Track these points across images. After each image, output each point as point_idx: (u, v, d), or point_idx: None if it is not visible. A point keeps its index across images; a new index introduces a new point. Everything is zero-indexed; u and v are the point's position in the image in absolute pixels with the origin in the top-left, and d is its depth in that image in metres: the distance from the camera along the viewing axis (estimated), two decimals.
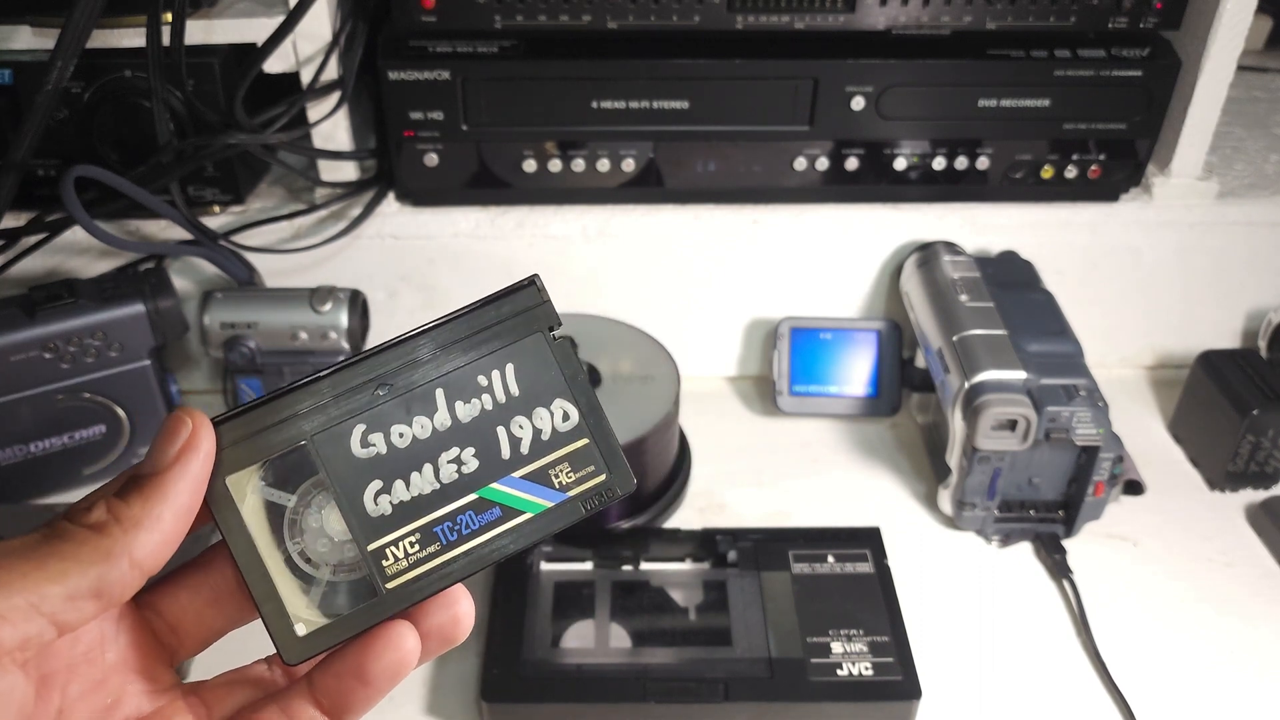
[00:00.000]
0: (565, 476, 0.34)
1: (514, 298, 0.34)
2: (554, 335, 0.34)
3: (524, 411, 0.34)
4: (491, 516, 0.33)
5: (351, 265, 0.81)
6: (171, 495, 0.30)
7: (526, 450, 0.34)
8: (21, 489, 0.74)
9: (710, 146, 0.78)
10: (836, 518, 0.73)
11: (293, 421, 0.33)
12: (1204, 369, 0.78)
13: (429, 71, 0.73)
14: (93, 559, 0.29)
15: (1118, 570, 0.70)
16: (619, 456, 0.34)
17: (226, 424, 0.32)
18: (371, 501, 0.33)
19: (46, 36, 0.70)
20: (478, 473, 0.33)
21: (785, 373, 0.83)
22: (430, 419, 0.33)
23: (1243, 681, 0.64)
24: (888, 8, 0.72)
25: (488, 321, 0.34)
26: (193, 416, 0.31)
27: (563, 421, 0.34)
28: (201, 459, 0.31)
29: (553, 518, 0.34)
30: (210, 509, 0.32)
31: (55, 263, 0.79)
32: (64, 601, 0.28)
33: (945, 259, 0.78)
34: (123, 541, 0.29)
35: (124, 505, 0.30)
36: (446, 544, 0.33)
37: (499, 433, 0.34)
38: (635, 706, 0.59)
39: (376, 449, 0.33)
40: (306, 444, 0.33)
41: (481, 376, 0.34)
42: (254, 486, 0.33)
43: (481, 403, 0.34)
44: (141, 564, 0.30)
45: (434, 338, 0.34)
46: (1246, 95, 0.97)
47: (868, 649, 0.61)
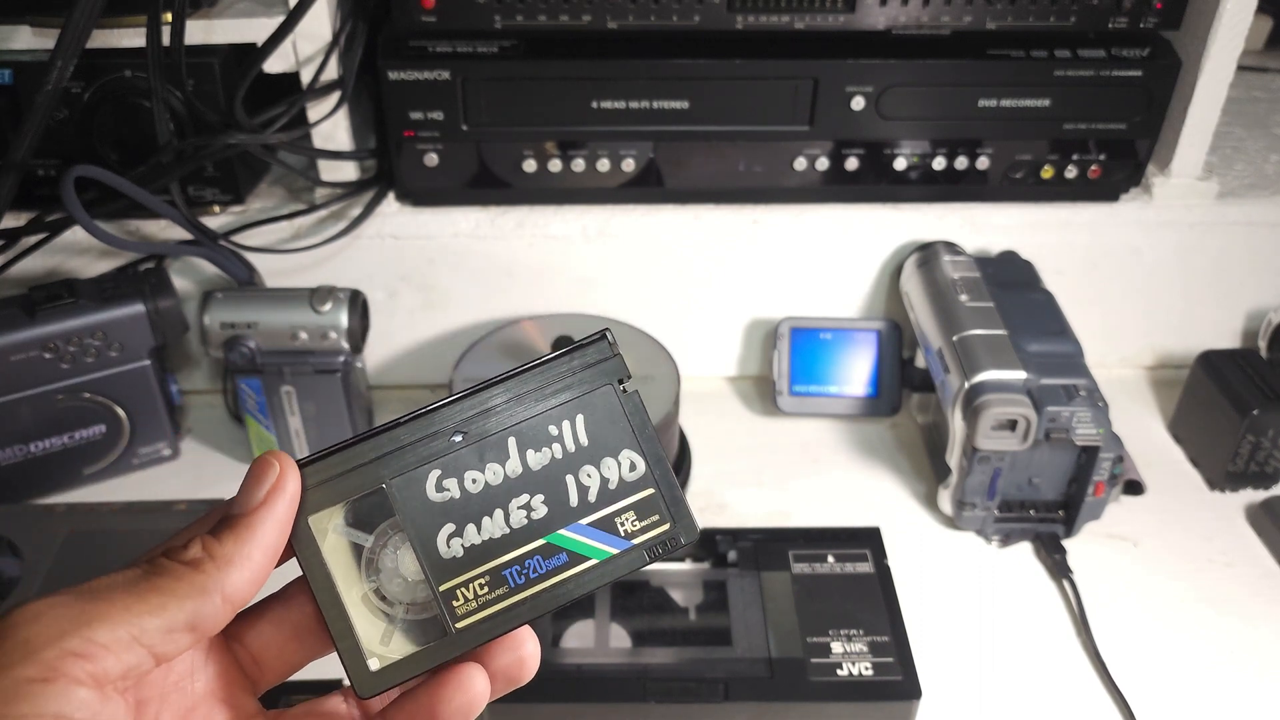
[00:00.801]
0: (631, 525, 0.35)
1: (586, 350, 0.36)
2: (624, 388, 0.36)
3: (593, 461, 0.35)
4: (559, 562, 0.35)
5: (351, 265, 0.81)
6: (260, 534, 0.32)
7: (594, 499, 0.35)
8: (21, 489, 0.74)
9: (710, 146, 0.78)
10: (836, 518, 0.73)
11: (372, 465, 0.34)
12: (1204, 369, 0.78)
13: (429, 71, 0.73)
14: (189, 594, 0.31)
15: (1118, 570, 0.70)
16: (684, 506, 0.36)
17: (310, 466, 0.34)
18: (444, 544, 0.34)
19: (46, 36, 0.70)
20: (546, 519, 0.35)
21: (785, 373, 0.83)
22: (503, 466, 0.35)
23: (1243, 681, 0.64)
24: (888, 8, 0.72)
25: (561, 373, 0.35)
26: (280, 460, 0.33)
27: (629, 471, 0.35)
28: (288, 500, 0.33)
29: (618, 564, 0.35)
30: (293, 546, 0.34)
31: (55, 263, 0.79)
32: (162, 634, 0.30)
33: (945, 259, 0.78)
34: (216, 578, 0.31)
35: (217, 544, 0.32)
36: (514, 587, 0.34)
37: (568, 481, 0.35)
38: (635, 706, 0.59)
39: (450, 494, 0.34)
40: (384, 487, 0.34)
41: (553, 426, 0.35)
42: (334, 526, 0.34)
43: (552, 451, 0.35)
44: (232, 599, 0.32)
45: (509, 388, 0.35)
46: (1246, 95, 0.97)
47: (868, 649, 0.61)
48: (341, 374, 0.74)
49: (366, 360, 0.84)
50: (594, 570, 0.35)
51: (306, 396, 0.75)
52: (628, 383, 0.36)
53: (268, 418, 0.76)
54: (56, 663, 0.28)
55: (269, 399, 0.75)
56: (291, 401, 0.75)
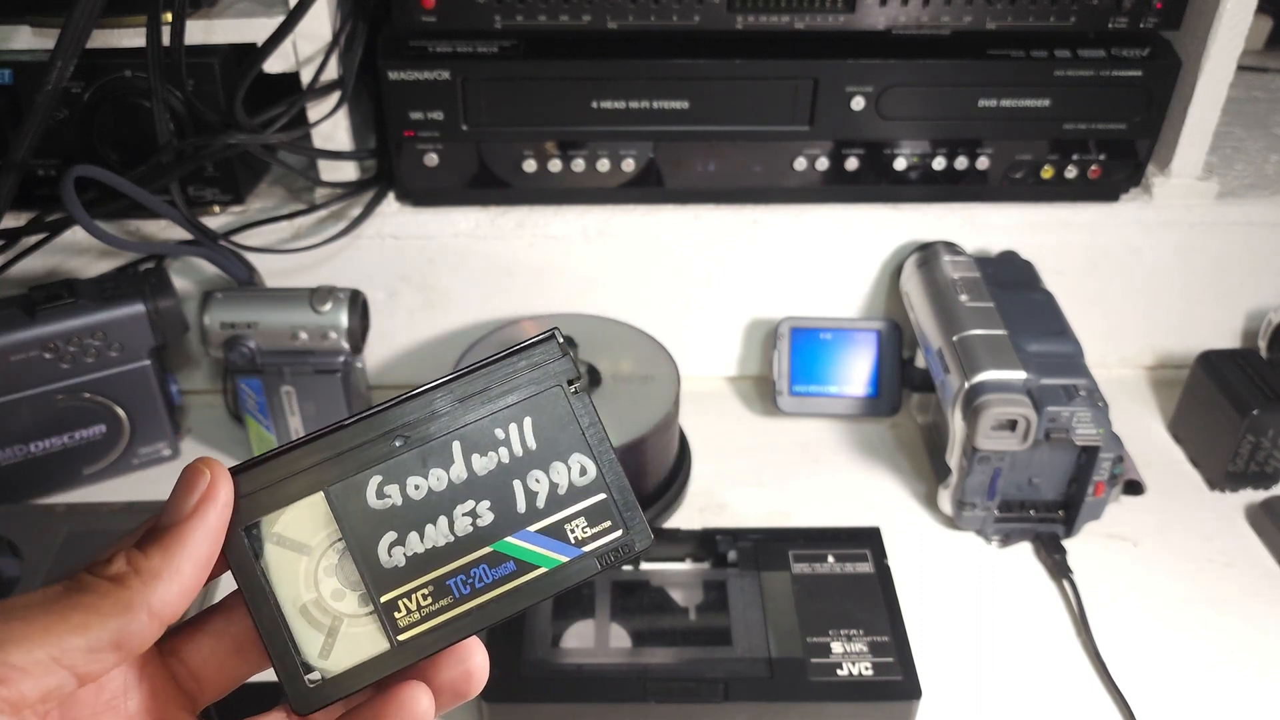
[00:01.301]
0: (581, 531, 0.34)
1: (533, 351, 0.34)
2: (573, 389, 0.34)
3: (541, 465, 0.34)
4: (505, 571, 0.33)
5: (351, 265, 0.81)
6: (190, 546, 0.31)
7: (543, 504, 0.34)
8: (21, 489, 0.74)
9: (710, 146, 0.78)
10: (836, 518, 0.73)
11: (310, 472, 0.33)
12: (1204, 369, 0.78)
13: (429, 71, 0.73)
14: (112, 611, 0.29)
15: (1118, 570, 0.70)
16: (636, 512, 0.34)
17: (245, 474, 0.33)
18: (385, 553, 0.33)
19: (46, 36, 0.70)
20: (492, 526, 0.33)
21: (785, 373, 0.83)
22: (446, 471, 0.33)
23: (1243, 681, 0.64)
24: (888, 8, 0.72)
25: (507, 374, 0.34)
26: (210, 467, 0.32)
27: (580, 476, 0.34)
28: (219, 509, 0.32)
29: (568, 573, 0.33)
30: (226, 557, 0.32)
31: (55, 263, 0.79)
32: (84, 654, 0.29)
33: (945, 259, 0.78)
34: (142, 593, 0.30)
35: (143, 557, 0.30)
36: (459, 597, 0.33)
37: (515, 486, 0.34)
38: (635, 706, 0.59)
39: (392, 500, 0.33)
40: (323, 494, 0.33)
41: (499, 430, 0.34)
42: (271, 535, 0.33)
43: (498, 456, 0.34)
44: (160, 614, 0.30)
45: (452, 390, 0.34)
46: (1246, 95, 0.97)
47: (868, 649, 0.61)
48: (341, 374, 0.74)
49: (366, 360, 0.84)
50: (543, 579, 0.33)
51: (306, 396, 0.75)
52: (577, 384, 0.34)
53: (268, 418, 0.76)
54: None
55: (269, 399, 0.75)
56: (291, 401, 0.75)
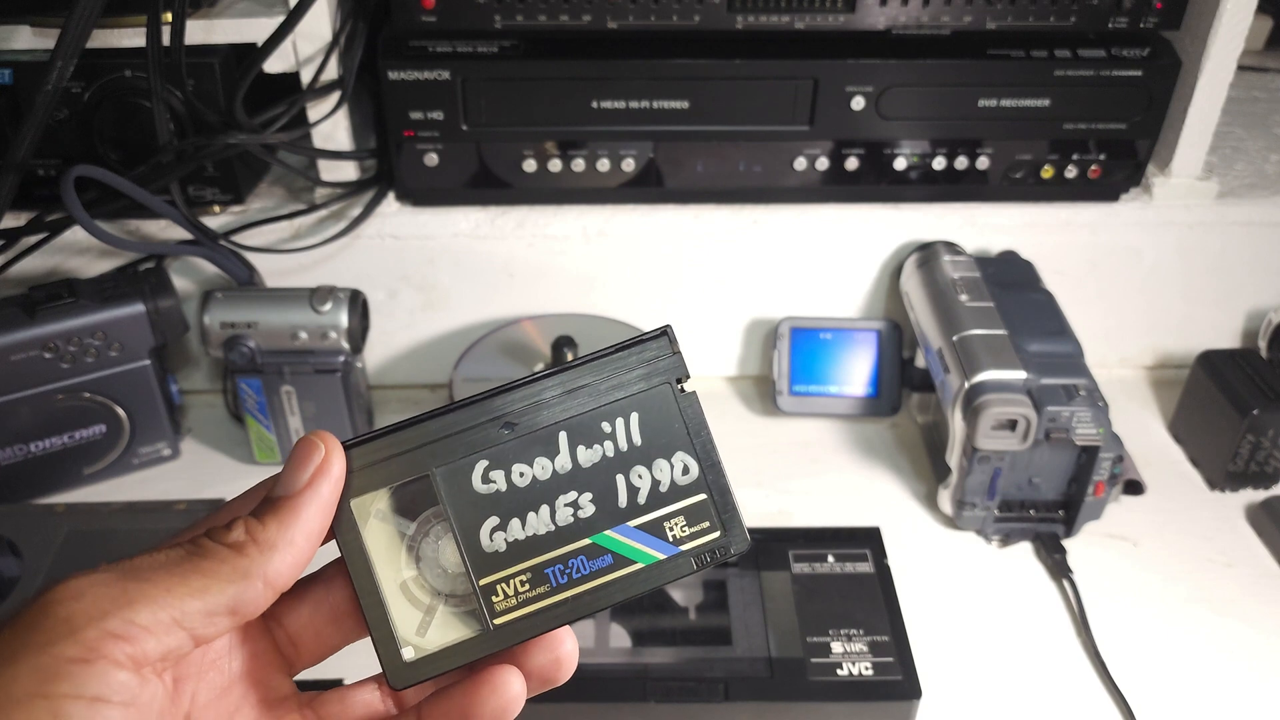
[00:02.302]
0: (680, 530, 0.34)
1: (645, 347, 0.35)
2: (681, 388, 0.35)
3: (644, 461, 0.34)
4: (603, 563, 0.34)
5: (351, 265, 0.81)
6: (304, 518, 0.32)
7: (644, 500, 0.34)
8: (21, 489, 0.74)
9: (710, 146, 0.78)
10: (836, 518, 0.73)
11: (419, 451, 0.34)
12: (1204, 369, 0.78)
13: (429, 71, 0.73)
14: (231, 577, 0.30)
15: (1118, 570, 0.70)
16: (736, 515, 0.34)
17: (356, 449, 0.33)
18: (487, 537, 0.34)
19: (46, 36, 0.70)
20: (593, 518, 0.34)
21: (785, 373, 0.83)
22: (551, 461, 0.34)
23: (1243, 681, 0.64)
24: (888, 8, 0.72)
25: (617, 369, 0.34)
26: (325, 441, 0.33)
27: (682, 475, 0.34)
28: (332, 483, 0.32)
29: (663, 570, 0.34)
30: (334, 530, 0.33)
31: (55, 263, 0.79)
32: (203, 617, 0.30)
33: (945, 259, 0.78)
34: (259, 562, 0.31)
35: (260, 527, 0.31)
36: (556, 586, 0.34)
37: (618, 480, 0.34)
38: (635, 706, 0.59)
39: (497, 486, 0.34)
40: (430, 475, 0.34)
41: (605, 423, 0.34)
42: (376, 511, 0.34)
43: (603, 449, 0.34)
44: (274, 583, 0.31)
45: (562, 380, 0.34)
46: (1246, 95, 0.97)
47: (868, 649, 0.61)
48: (341, 374, 0.74)
49: (366, 360, 0.84)
50: (639, 575, 0.34)
51: (306, 396, 0.75)
52: (686, 383, 0.35)
53: (268, 418, 0.76)
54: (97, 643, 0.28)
55: (269, 399, 0.75)
56: (291, 401, 0.75)
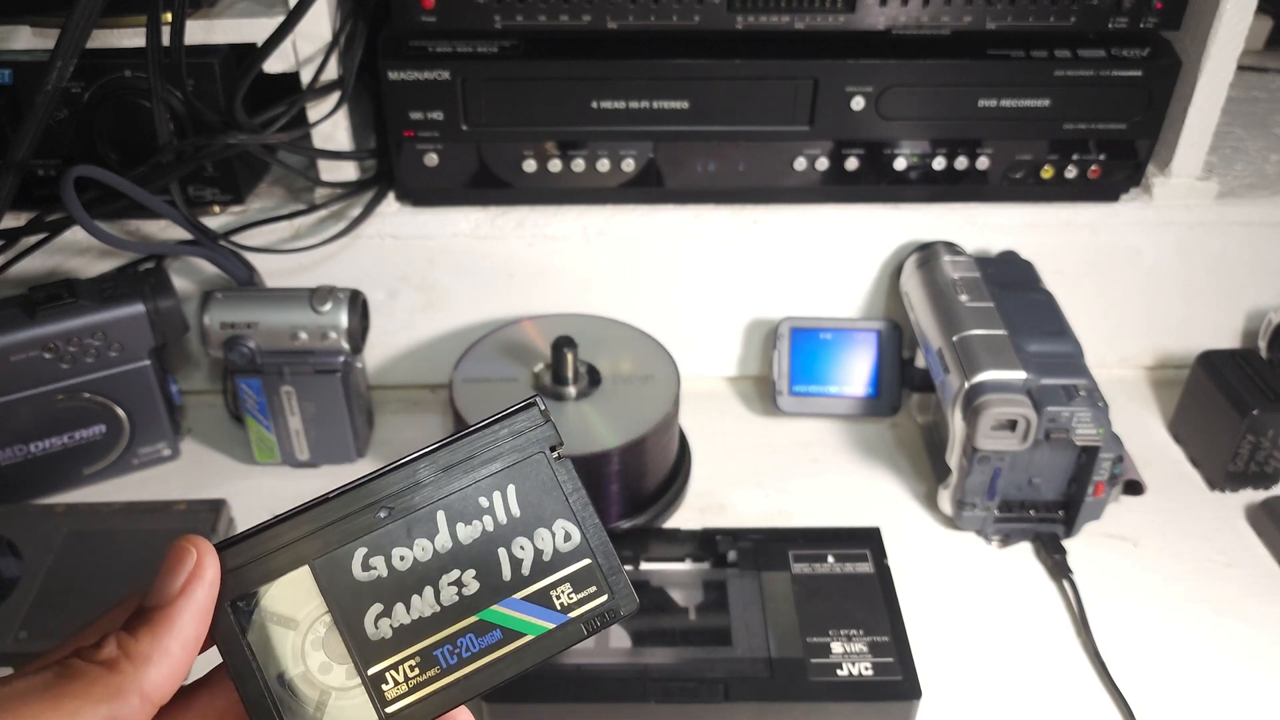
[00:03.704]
0: (567, 597, 0.34)
1: (515, 418, 0.35)
2: (556, 455, 0.34)
3: (525, 532, 0.34)
4: (492, 639, 0.33)
5: (351, 265, 0.81)
6: (179, 627, 0.31)
7: (528, 571, 0.34)
8: (21, 489, 0.74)
9: (710, 146, 0.78)
10: (836, 518, 0.73)
11: (295, 546, 0.33)
12: (1204, 369, 0.78)
13: (429, 71, 0.73)
14: (104, 696, 0.29)
15: (1118, 570, 0.70)
16: (621, 576, 0.34)
17: (230, 549, 0.33)
18: (372, 625, 0.33)
19: (46, 36, 0.70)
20: (478, 595, 0.33)
21: (785, 373, 0.83)
22: (431, 541, 0.34)
23: (1243, 681, 0.64)
24: (888, 8, 0.72)
25: (489, 443, 0.34)
26: (196, 545, 0.32)
27: (564, 542, 0.34)
28: (206, 588, 0.32)
29: (554, 640, 0.34)
30: (212, 633, 0.32)
31: (55, 263, 0.79)
32: None
33: (945, 259, 0.78)
34: (134, 677, 0.30)
35: (133, 640, 0.31)
36: (447, 667, 0.33)
37: (500, 554, 0.34)
38: (635, 706, 0.59)
39: (378, 572, 0.33)
40: (308, 568, 0.33)
41: (483, 498, 0.34)
42: (256, 610, 0.33)
43: (483, 524, 0.34)
44: (151, 696, 0.30)
45: (435, 460, 0.34)
46: (1246, 95, 0.97)
47: (867, 649, 0.61)
48: (341, 374, 0.74)
49: (366, 360, 0.84)
50: (530, 646, 0.33)
51: (306, 396, 0.75)
52: (560, 449, 0.35)
53: (268, 418, 0.76)
54: None
55: (269, 399, 0.75)
56: (291, 401, 0.75)
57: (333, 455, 0.78)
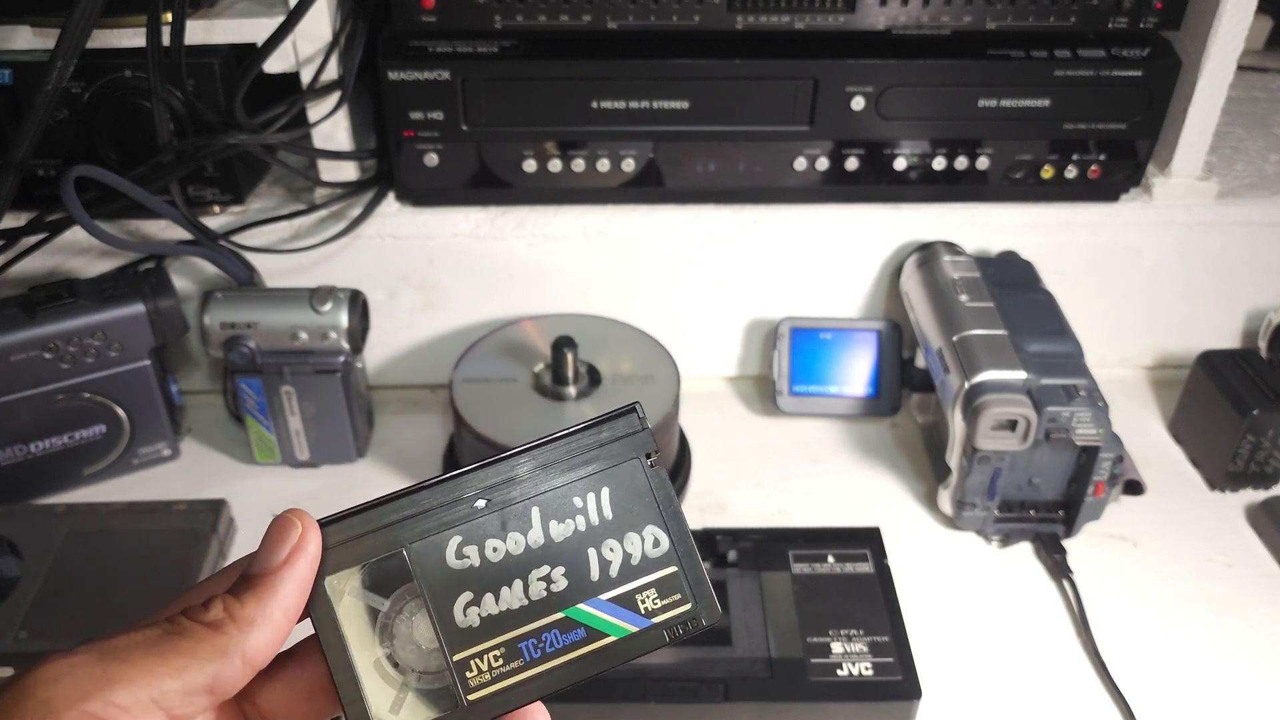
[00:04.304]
0: (651, 602, 0.34)
1: (615, 423, 0.35)
2: (651, 463, 0.35)
3: (616, 535, 0.35)
4: (576, 637, 0.34)
5: (351, 265, 0.81)
6: (281, 595, 0.32)
7: (615, 574, 0.34)
8: (21, 489, 0.74)
9: (710, 146, 0.78)
10: (836, 518, 0.73)
11: (393, 528, 0.34)
12: (1204, 369, 0.78)
13: (429, 71, 0.73)
14: (210, 656, 0.30)
15: (1118, 570, 0.70)
16: (706, 586, 0.35)
17: (331, 526, 0.34)
18: (461, 613, 0.34)
19: (46, 36, 0.70)
20: (566, 592, 0.34)
21: (785, 373, 0.83)
22: (524, 536, 0.34)
23: (1243, 681, 0.64)
24: (888, 8, 0.72)
25: (588, 445, 0.35)
26: (301, 519, 0.33)
27: (653, 548, 0.35)
28: (309, 560, 0.33)
29: (636, 643, 0.34)
30: (308, 607, 0.33)
31: (55, 263, 0.79)
32: (181, 696, 0.30)
33: (945, 259, 0.78)
34: (238, 640, 0.31)
35: (239, 604, 0.32)
36: (529, 660, 0.34)
37: (590, 554, 0.34)
38: (635, 706, 0.59)
39: (470, 561, 0.34)
40: (404, 551, 0.34)
41: (577, 498, 0.35)
42: (351, 588, 0.34)
43: (575, 524, 0.34)
44: (252, 660, 0.31)
45: (534, 457, 0.35)
46: (1246, 95, 0.97)
47: (868, 649, 0.61)
48: (341, 374, 0.74)
49: (366, 360, 0.84)
50: (612, 648, 0.34)
51: (306, 396, 0.75)
52: (654, 457, 0.35)
53: (268, 418, 0.76)
54: None
55: (269, 399, 0.75)
56: (291, 401, 0.75)
57: (333, 455, 0.78)
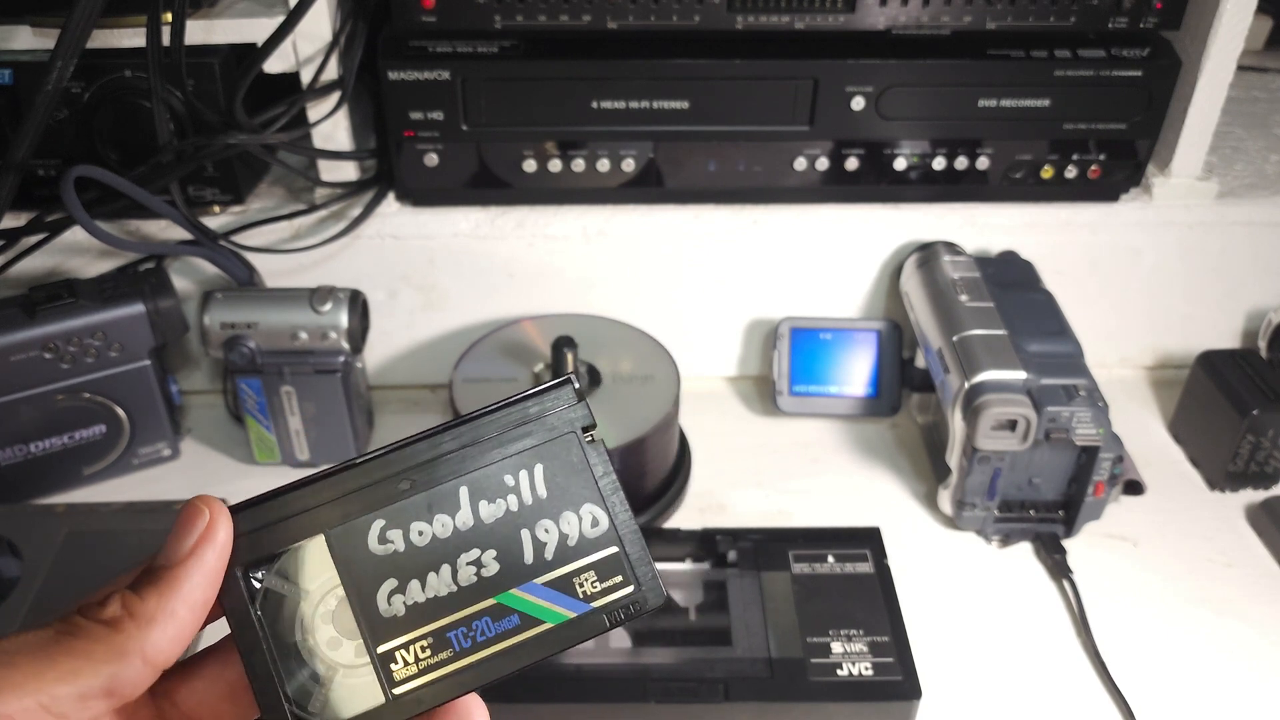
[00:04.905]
0: (590, 586, 0.32)
1: (547, 395, 0.33)
2: (589, 438, 0.33)
3: (551, 515, 0.32)
4: (509, 625, 0.32)
5: (351, 265, 0.81)
6: (186, 589, 0.30)
7: (551, 556, 0.32)
8: (21, 489, 0.74)
9: (710, 146, 0.78)
10: (836, 518, 0.73)
11: (311, 513, 0.32)
12: (1204, 369, 0.78)
13: (429, 71, 0.73)
14: (105, 657, 0.28)
15: (1118, 570, 0.70)
16: (650, 567, 0.33)
17: (244, 513, 0.32)
18: (385, 601, 0.32)
19: (46, 36, 0.70)
20: (497, 577, 0.32)
21: (785, 373, 0.83)
22: (452, 517, 0.32)
23: (1243, 681, 0.64)
24: (888, 8, 0.72)
25: (519, 419, 0.33)
26: (209, 505, 0.31)
27: (591, 527, 0.33)
28: (217, 550, 0.31)
29: (574, 630, 0.32)
30: (220, 600, 0.31)
31: (55, 263, 0.79)
32: (75, 701, 0.28)
33: (945, 259, 0.78)
34: (137, 638, 0.29)
35: (138, 600, 0.29)
36: (459, 651, 0.32)
37: (523, 536, 0.32)
38: (635, 706, 0.59)
39: (394, 546, 0.32)
40: (323, 537, 0.32)
41: (509, 476, 0.33)
42: (267, 577, 0.32)
43: (507, 503, 0.32)
44: (154, 660, 0.29)
45: (462, 433, 0.33)
46: (1246, 95, 0.97)
47: (867, 649, 0.61)
48: (341, 374, 0.74)
49: (366, 360, 0.84)
50: (548, 635, 0.32)
51: (306, 396, 0.75)
52: (593, 431, 0.33)
53: (268, 418, 0.76)
54: None
55: (269, 399, 0.75)
56: (291, 401, 0.75)
57: (333, 455, 0.78)
